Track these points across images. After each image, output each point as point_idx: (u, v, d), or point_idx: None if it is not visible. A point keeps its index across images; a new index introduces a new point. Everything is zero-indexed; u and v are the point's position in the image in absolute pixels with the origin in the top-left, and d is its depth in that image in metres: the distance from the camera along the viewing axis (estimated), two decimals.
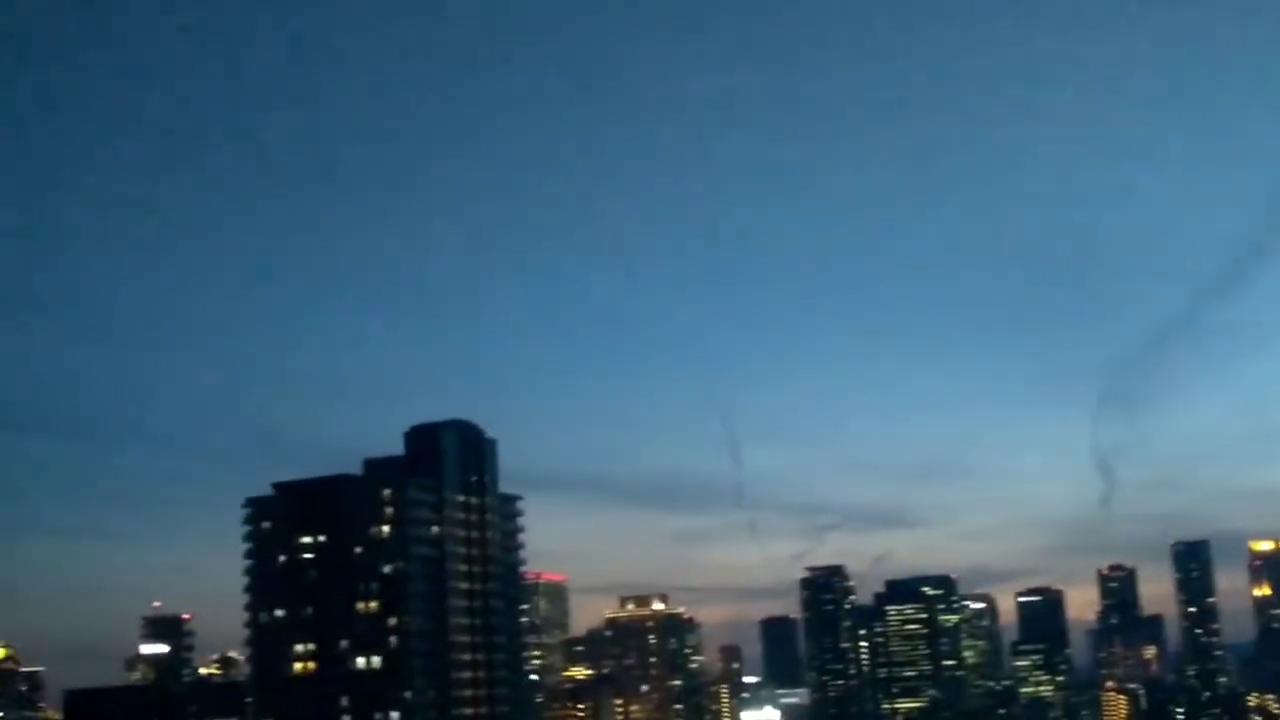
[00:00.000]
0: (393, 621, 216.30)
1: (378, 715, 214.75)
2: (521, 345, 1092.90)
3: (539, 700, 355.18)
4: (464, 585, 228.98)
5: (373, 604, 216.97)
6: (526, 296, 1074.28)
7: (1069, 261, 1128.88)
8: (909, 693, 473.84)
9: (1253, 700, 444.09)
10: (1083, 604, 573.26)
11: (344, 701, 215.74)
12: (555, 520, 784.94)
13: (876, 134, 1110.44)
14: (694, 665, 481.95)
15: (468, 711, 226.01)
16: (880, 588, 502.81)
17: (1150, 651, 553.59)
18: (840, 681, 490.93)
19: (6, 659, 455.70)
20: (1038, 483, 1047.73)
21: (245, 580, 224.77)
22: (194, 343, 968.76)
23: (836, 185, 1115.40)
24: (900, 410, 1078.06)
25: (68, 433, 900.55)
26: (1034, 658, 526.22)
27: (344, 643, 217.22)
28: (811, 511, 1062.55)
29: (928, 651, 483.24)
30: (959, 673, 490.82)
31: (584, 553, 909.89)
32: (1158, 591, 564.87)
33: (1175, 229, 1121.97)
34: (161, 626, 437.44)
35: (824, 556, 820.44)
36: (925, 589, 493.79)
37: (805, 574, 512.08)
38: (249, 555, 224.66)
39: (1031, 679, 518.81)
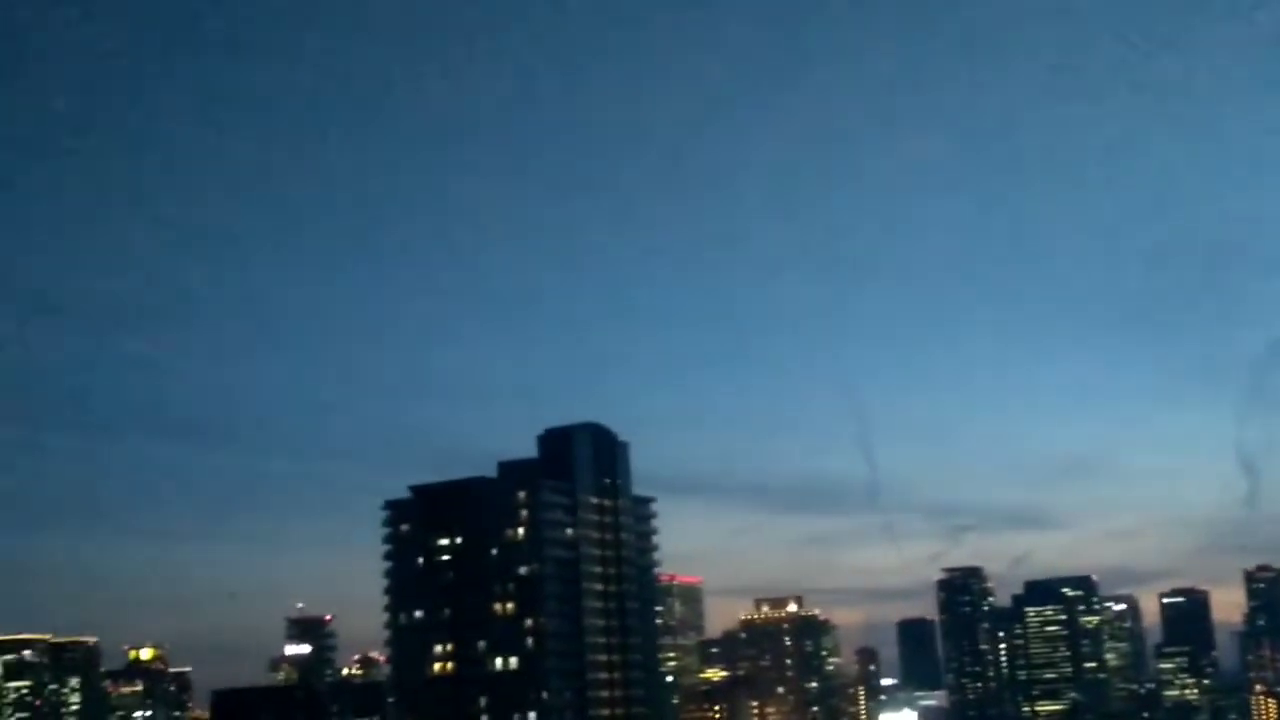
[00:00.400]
0: (529, 623, 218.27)
1: (515, 716, 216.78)
2: (654, 347, 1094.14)
3: (674, 701, 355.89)
4: (598, 587, 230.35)
5: (509, 605, 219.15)
6: (659, 299, 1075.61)
7: (1214, 255, 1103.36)
8: (1049, 695, 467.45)
9: None
10: (1229, 605, 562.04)
11: (482, 702, 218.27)
12: (689, 522, 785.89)
13: (1016, 129, 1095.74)
14: (830, 667, 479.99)
15: (603, 713, 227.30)
16: (1019, 589, 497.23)
17: None
18: (979, 684, 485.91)
19: (155, 659, 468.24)
20: (1180, 481, 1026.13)
21: (384, 582, 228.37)
22: (333, 350, 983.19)
23: (973, 183, 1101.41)
24: (1039, 409, 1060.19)
25: (212, 440, 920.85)
26: (1178, 660, 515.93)
27: (481, 644, 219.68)
28: (948, 512, 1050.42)
29: (1068, 653, 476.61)
30: (1101, 675, 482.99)
31: (718, 555, 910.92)
32: None
33: None
34: (304, 628, 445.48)
35: (961, 558, 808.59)
36: (1065, 590, 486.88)
37: (942, 575, 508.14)
38: (388, 557, 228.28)
39: (1176, 682, 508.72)
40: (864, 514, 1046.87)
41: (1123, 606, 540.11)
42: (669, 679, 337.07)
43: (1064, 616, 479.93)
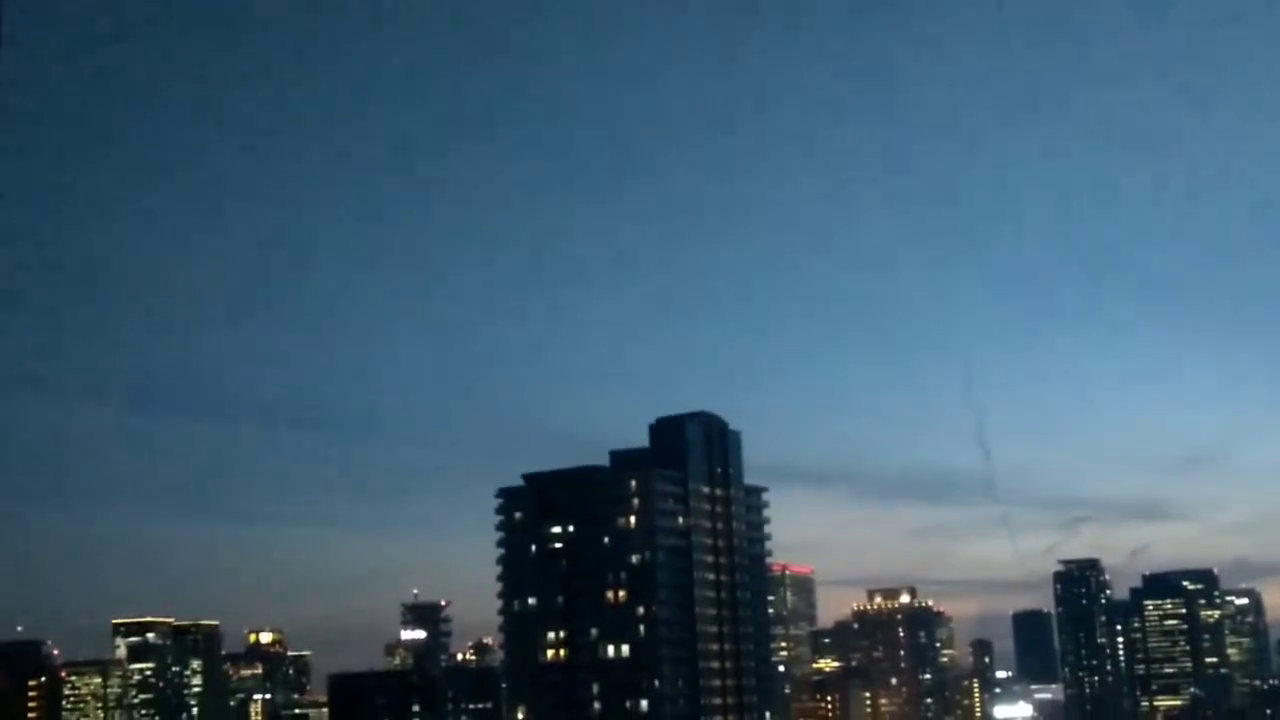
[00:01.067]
0: (641, 611, 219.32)
1: (627, 703, 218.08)
2: (767, 337, 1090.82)
3: (786, 691, 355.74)
4: (710, 576, 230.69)
5: (621, 593, 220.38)
6: (774, 287, 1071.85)
7: None
8: (1169, 690, 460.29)
9: None
10: None
11: (594, 689, 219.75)
12: (801, 512, 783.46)
13: (1143, 113, 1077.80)
14: (944, 659, 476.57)
15: (715, 701, 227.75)
16: (1137, 582, 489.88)
17: None
18: (1096, 677, 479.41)
19: (275, 643, 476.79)
20: None
21: (498, 569, 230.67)
22: (447, 340, 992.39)
23: (1093, 164, 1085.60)
24: (1158, 400, 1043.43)
25: (331, 428, 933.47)
26: None
27: (594, 631, 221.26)
28: (1064, 504, 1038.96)
29: (1188, 648, 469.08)
30: (1222, 670, 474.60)
31: (831, 545, 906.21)
32: None
33: None
34: (420, 613, 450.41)
35: (1077, 550, 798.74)
36: (1185, 583, 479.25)
37: (1058, 567, 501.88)
38: (501, 544, 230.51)
39: None
40: (979, 505, 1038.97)
41: (1244, 600, 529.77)
42: (780, 669, 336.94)
43: (1184, 610, 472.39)
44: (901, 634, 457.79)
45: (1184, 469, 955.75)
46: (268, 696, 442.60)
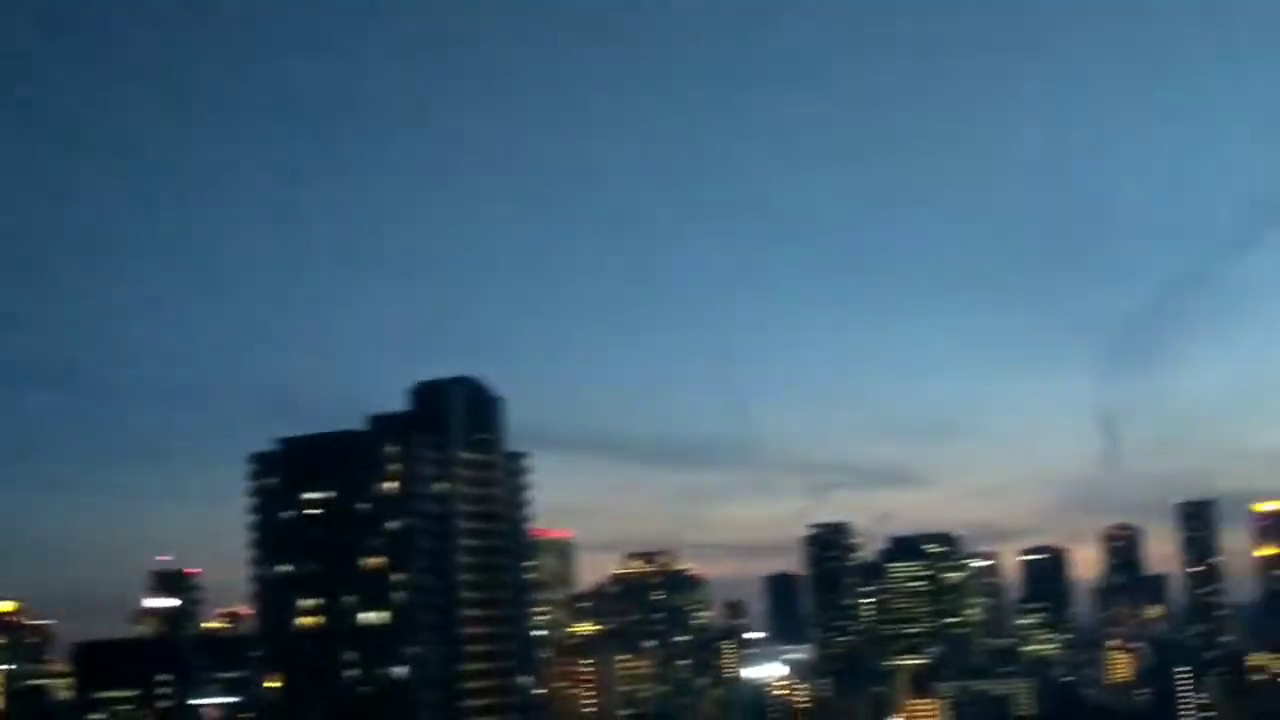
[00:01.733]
0: (399, 577, 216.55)
1: (384, 670, 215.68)
2: (531, 302, 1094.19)
3: (545, 656, 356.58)
4: (470, 542, 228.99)
5: (379, 560, 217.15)
6: (536, 253, 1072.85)
7: (1078, 222, 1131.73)
8: (912, 649, 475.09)
9: (1254, 660, 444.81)
10: (1087, 563, 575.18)
11: (350, 655, 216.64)
12: (563, 478, 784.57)
13: (890, 103, 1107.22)
14: (699, 621, 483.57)
15: (474, 666, 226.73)
16: (885, 545, 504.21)
17: (1154, 611, 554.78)
18: (844, 638, 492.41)
19: (16, 611, 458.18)
20: (1043, 442, 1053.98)
21: (252, 535, 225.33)
22: (202, 300, 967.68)
23: (852, 151, 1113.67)
24: (908, 370, 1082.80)
25: (78, 389, 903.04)
26: (1038, 616, 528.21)
27: (350, 598, 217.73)
28: (818, 469, 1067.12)
29: (931, 609, 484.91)
30: (962, 630, 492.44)
31: (592, 510, 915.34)
32: (1161, 551, 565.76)
33: (1186, 189, 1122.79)
34: (168, 580, 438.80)
35: (829, 513, 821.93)
36: (929, 546, 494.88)
37: (810, 530, 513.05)
38: (253, 510, 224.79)
39: (1035, 637, 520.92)
40: (736, 470, 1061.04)
41: (985, 563, 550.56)
42: (539, 633, 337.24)
43: (928, 572, 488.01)
44: (659, 597, 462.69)
45: (930, 437, 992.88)
46: (8, 667, 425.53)
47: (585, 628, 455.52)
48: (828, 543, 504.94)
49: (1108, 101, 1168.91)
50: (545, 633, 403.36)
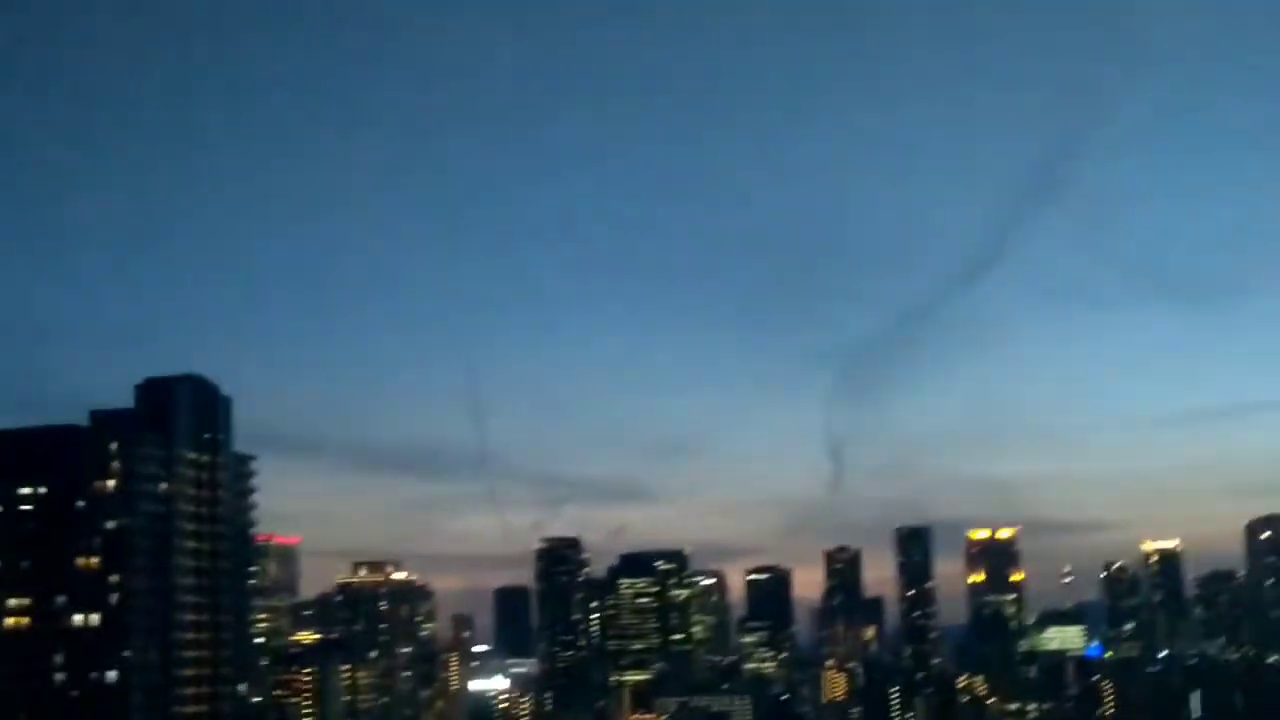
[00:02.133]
0: (114, 579, 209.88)
1: (95, 674, 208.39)
2: (265, 302, 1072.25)
3: (264, 663, 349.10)
4: (191, 544, 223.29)
5: (94, 560, 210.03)
6: (272, 252, 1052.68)
7: (814, 250, 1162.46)
8: (638, 665, 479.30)
9: (962, 681, 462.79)
10: (809, 583, 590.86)
11: (59, 659, 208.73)
12: (292, 482, 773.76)
13: (633, 124, 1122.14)
14: (425, 633, 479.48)
15: (189, 672, 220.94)
16: (614, 561, 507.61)
17: (870, 632, 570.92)
18: (570, 652, 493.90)
19: None
20: (773, 463, 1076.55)
21: None
22: None
23: (600, 163, 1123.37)
24: (644, 387, 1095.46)
25: None
26: (760, 634, 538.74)
27: (61, 598, 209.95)
28: (551, 483, 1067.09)
29: (658, 625, 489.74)
30: (687, 647, 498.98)
31: (320, 516, 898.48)
32: (880, 574, 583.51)
33: (919, 223, 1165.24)
34: None
35: (561, 528, 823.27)
36: (658, 563, 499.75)
37: (541, 545, 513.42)
38: None
39: (756, 655, 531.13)
40: (469, 480, 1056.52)
41: (711, 581, 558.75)
42: (259, 640, 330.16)
43: (656, 589, 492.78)
44: (384, 607, 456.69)
45: (665, 453, 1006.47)
46: None
47: (308, 636, 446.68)
48: (559, 557, 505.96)
49: (851, 135, 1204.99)
50: (266, 640, 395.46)
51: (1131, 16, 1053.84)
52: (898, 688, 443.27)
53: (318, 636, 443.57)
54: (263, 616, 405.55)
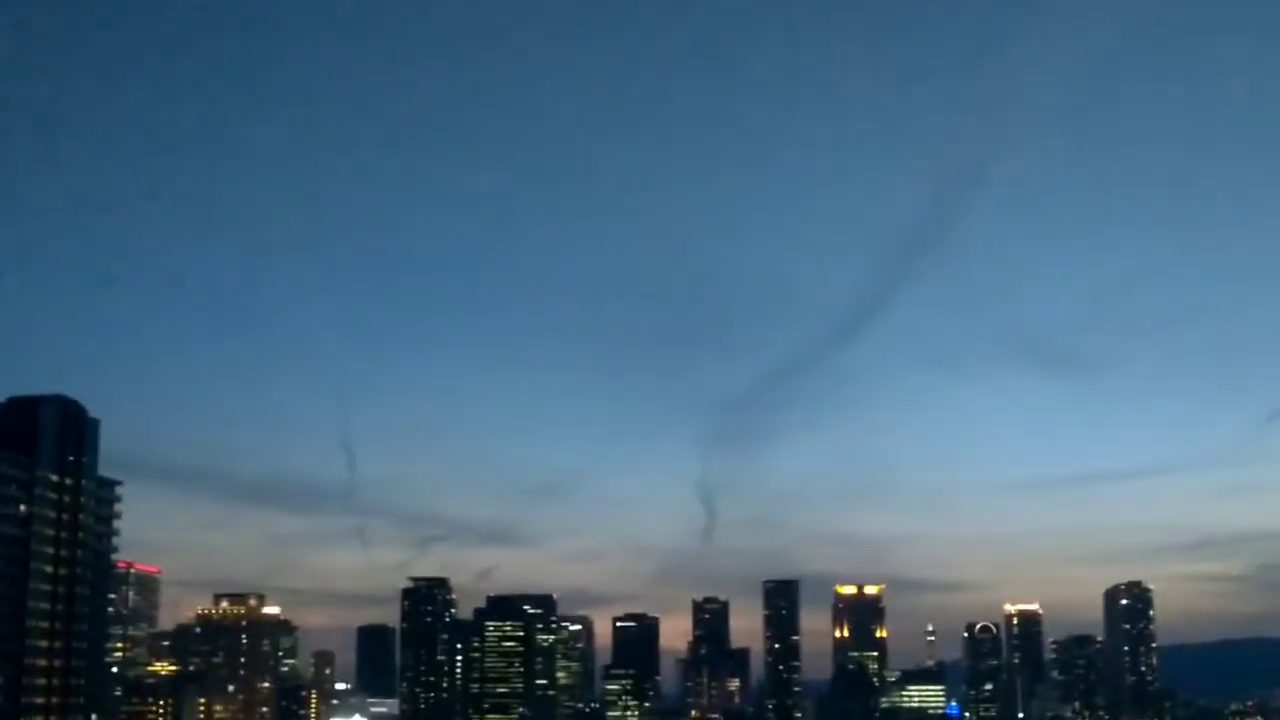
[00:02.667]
0: None
1: None
2: (134, 328, 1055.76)
3: (118, 693, 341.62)
4: (49, 569, 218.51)
5: None
6: (142, 279, 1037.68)
7: (694, 301, 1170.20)
8: (500, 709, 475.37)
9: None
10: (677, 633, 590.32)
11: None
12: (156, 510, 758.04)
13: (516, 169, 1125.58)
14: (285, 668, 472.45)
15: (39, 700, 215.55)
16: (482, 603, 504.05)
17: (735, 683, 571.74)
18: (432, 694, 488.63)
19: None
20: (646, 511, 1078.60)
21: None
22: None
23: (472, 207, 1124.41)
24: (519, 430, 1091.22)
25: None
26: (624, 682, 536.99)
27: None
28: (421, 522, 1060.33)
29: (522, 669, 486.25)
30: (550, 692, 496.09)
31: (184, 546, 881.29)
32: (747, 626, 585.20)
33: (797, 281, 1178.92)
34: None
35: (429, 568, 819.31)
36: (526, 607, 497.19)
37: (408, 584, 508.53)
38: None
39: (620, 703, 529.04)
40: (337, 516, 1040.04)
41: (578, 627, 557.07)
42: (115, 669, 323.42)
43: (522, 633, 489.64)
44: (245, 641, 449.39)
45: (538, 497, 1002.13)
46: None
47: (165, 667, 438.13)
48: (426, 597, 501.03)
49: (736, 191, 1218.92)
50: (122, 670, 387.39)
51: (1011, 88, 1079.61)
52: None
53: (175, 668, 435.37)
54: (120, 646, 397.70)
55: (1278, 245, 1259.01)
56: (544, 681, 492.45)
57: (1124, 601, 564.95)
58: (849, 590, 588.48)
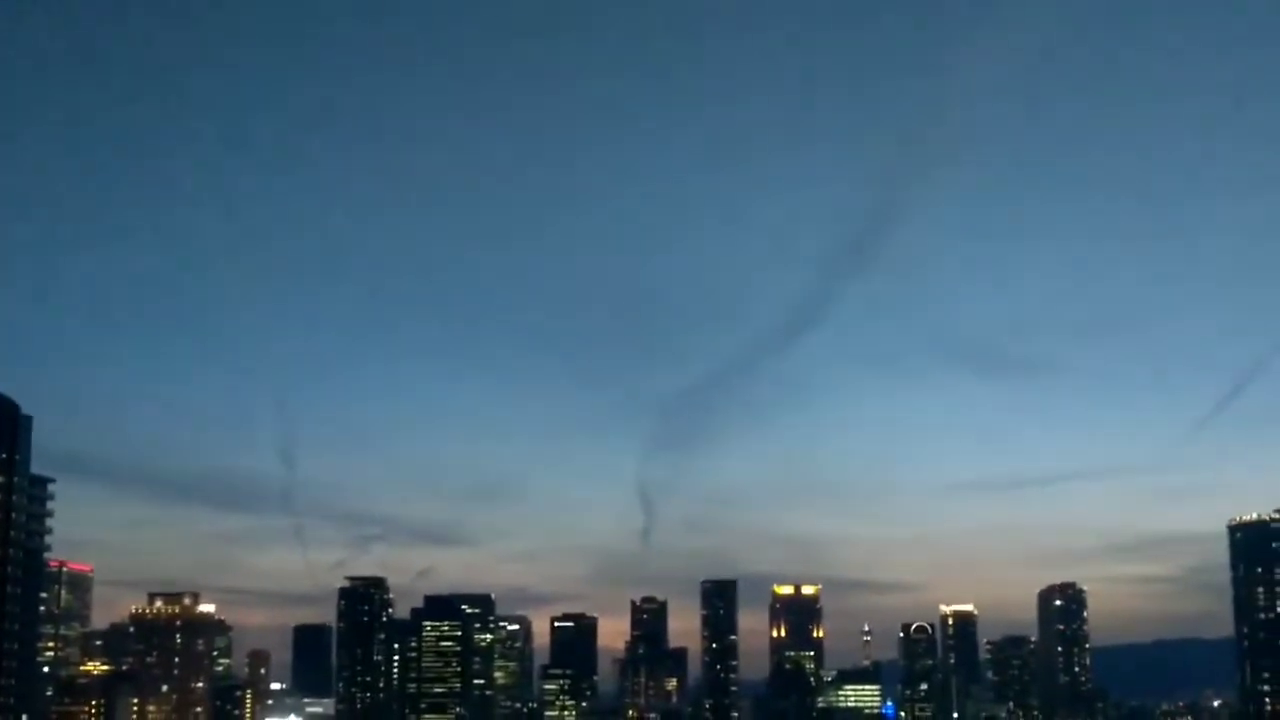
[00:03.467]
0: None
1: None
2: (70, 326, 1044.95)
3: (49, 693, 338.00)
4: None
5: None
6: (79, 275, 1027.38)
7: (636, 303, 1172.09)
8: (436, 709, 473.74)
9: None
10: (615, 633, 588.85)
11: None
12: (90, 508, 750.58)
13: (458, 165, 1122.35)
14: (220, 668, 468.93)
15: None
16: (419, 602, 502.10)
17: (672, 683, 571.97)
18: (368, 694, 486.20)
19: None
20: (585, 512, 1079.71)
21: None
22: None
23: (411, 205, 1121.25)
24: (458, 431, 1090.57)
25: None
26: (562, 682, 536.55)
27: None
28: (360, 521, 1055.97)
29: (459, 669, 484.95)
30: (488, 692, 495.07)
31: (118, 544, 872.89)
32: (685, 626, 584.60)
33: (740, 283, 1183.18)
34: None
35: (367, 567, 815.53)
36: (464, 607, 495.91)
37: (345, 583, 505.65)
38: None
39: (557, 703, 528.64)
40: (274, 515, 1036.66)
41: (516, 627, 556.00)
42: (46, 669, 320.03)
43: (460, 633, 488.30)
44: (179, 640, 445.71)
45: (477, 497, 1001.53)
46: None
47: (97, 667, 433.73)
48: (363, 596, 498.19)
49: (679, 193, 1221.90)
50: (53, 669, 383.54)
51: (952, 97, 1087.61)
52: None
53: (108, 668, 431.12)
54: (51, 645, 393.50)
55: (1210, 255, 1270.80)
56: (481, 681, 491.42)
57: (1058, 602, 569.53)
58: (786, 590, 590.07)
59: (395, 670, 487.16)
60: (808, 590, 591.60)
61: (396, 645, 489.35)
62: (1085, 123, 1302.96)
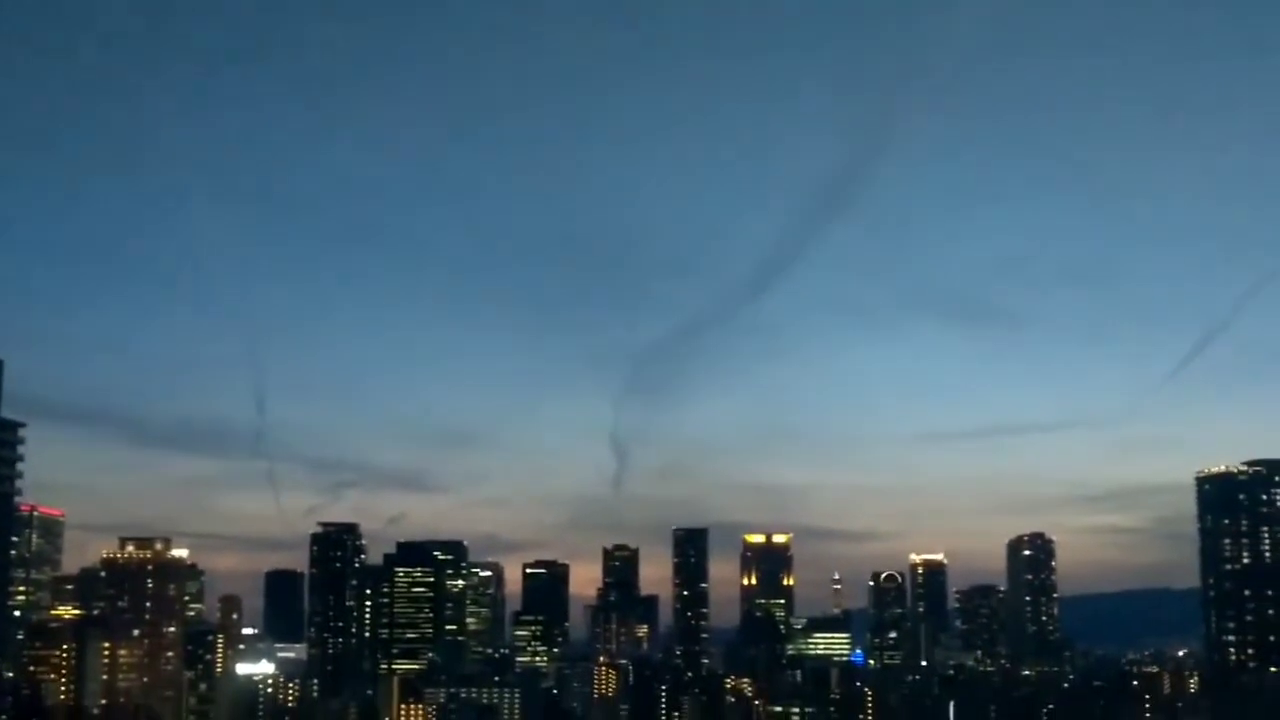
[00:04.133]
0: None
1: None
2: (41, 269, 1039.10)
3: (19, 637, 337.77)
4: None
5: None
6: (51, 220, 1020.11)
7: (609, 252, 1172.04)
8: (409, 655, 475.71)
9: (730, 682, 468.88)
10: (587, 580, 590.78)
11: None
12: (61, 452, 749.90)
13: (428, 118, 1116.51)
14: (192, 613, 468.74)
15: None
16: (392, 548, 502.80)
17: (643, 630, 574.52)
18: (340, 639, 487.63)
19: None
20: (558, 460, 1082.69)
21: None
22: None
23: (386, 156, 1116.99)
24: (433, 378, 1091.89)
25: None
26: (534, 628, 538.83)
27: None
28: (332, 467, 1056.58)
29: (431, 615, 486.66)
30: (460, 638, 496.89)
31: (90, 488, 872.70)
32: (657, 574, 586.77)
33: (712, 232, 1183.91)
34: None
35: (340, 513, 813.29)
36: (436, 553, 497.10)
37: (317, 529, 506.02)
38: None
39: (529, 649, 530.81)
40: (246, 460, 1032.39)
41: (489, 573, 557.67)
42: (17, 613, 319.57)
43: (432, 579, 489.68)
44: (150, 585, 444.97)
45: (451, 444, 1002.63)
46: None
47: (68, 611, 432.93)
48: (335, 542, 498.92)
49: (649, 141, 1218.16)
50: (24, 614, 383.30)
51: (929, 49, 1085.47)
52: (666, 687, 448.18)
53: (79, 612, 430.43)
54: (22, 590, 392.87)
55: (1180, 209, 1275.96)
56: (453, 627, 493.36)
57: (1026, 552, 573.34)
58: (757, 539, 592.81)
59: (367, 616, 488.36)
60: (779, 539, 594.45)
61: (369, 591, 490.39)
62: (1058, 79, 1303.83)
